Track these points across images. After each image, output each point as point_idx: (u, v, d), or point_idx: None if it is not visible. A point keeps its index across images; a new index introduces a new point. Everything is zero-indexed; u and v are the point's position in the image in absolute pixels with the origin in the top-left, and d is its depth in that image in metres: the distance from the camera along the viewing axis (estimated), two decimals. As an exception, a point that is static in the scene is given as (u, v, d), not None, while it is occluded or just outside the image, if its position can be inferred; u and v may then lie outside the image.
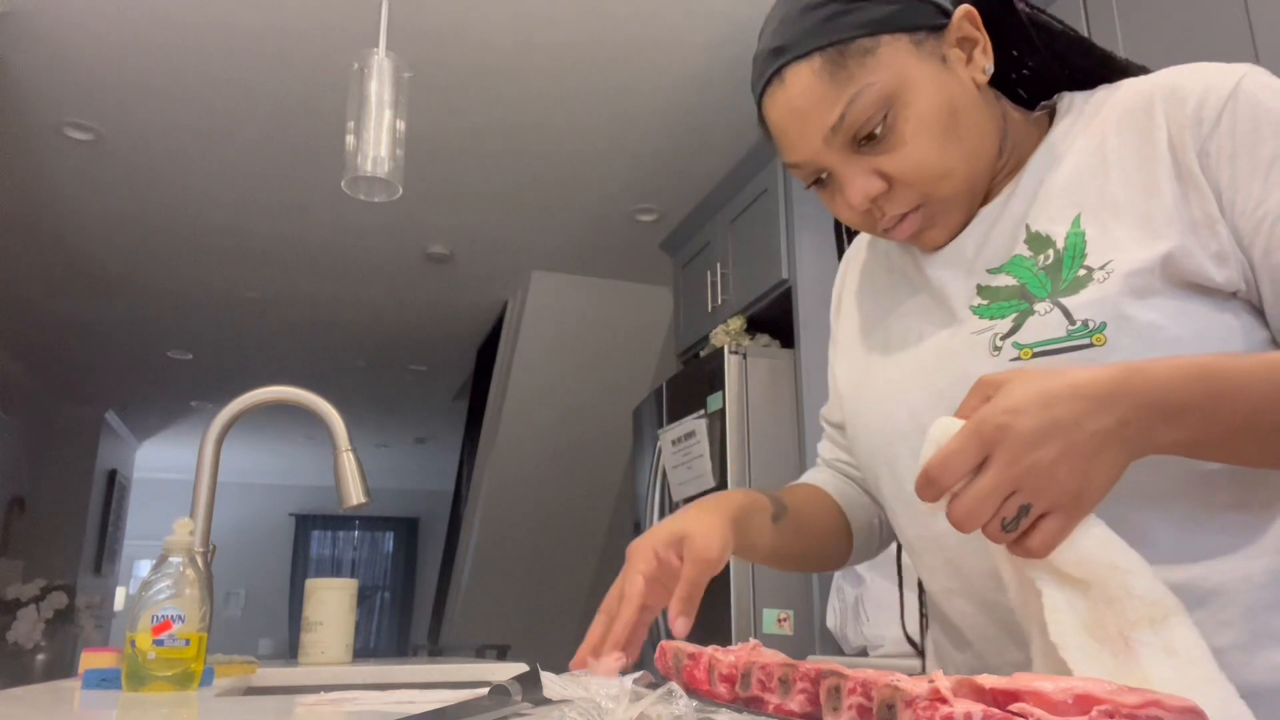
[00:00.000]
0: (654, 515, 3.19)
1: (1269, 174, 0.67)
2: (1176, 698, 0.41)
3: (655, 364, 5.08)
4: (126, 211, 4.06)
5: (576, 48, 2.95)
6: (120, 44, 2.91)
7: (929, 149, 0.73)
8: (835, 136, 0.73)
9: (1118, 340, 0.66)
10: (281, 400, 1.42)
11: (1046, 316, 0.70)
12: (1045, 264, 0.73)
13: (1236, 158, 0.68)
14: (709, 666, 0.61)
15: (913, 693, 0.43)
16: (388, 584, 10.58)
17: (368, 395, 7.10)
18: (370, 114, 1.81)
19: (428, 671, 1.67)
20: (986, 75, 0.76)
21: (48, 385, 6.68)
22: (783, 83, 0.74)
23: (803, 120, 0.74)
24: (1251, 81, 0.69)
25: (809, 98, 0.73)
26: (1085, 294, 0.69)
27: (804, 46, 0.73)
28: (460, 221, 4.21)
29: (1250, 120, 0.68)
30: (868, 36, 0.72)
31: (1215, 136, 0.69)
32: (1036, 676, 0.43)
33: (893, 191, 0.75)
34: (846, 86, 0.72)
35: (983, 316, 0.75)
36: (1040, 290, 0.72)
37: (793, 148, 0.76)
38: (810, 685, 0.51)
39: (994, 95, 0.79)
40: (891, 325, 0.84)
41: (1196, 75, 0.72)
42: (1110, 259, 0.69)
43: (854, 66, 0.72)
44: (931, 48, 0.74)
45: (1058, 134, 0.79)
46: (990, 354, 0.72)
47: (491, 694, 0.60)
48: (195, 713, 0.80)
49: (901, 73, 0.72)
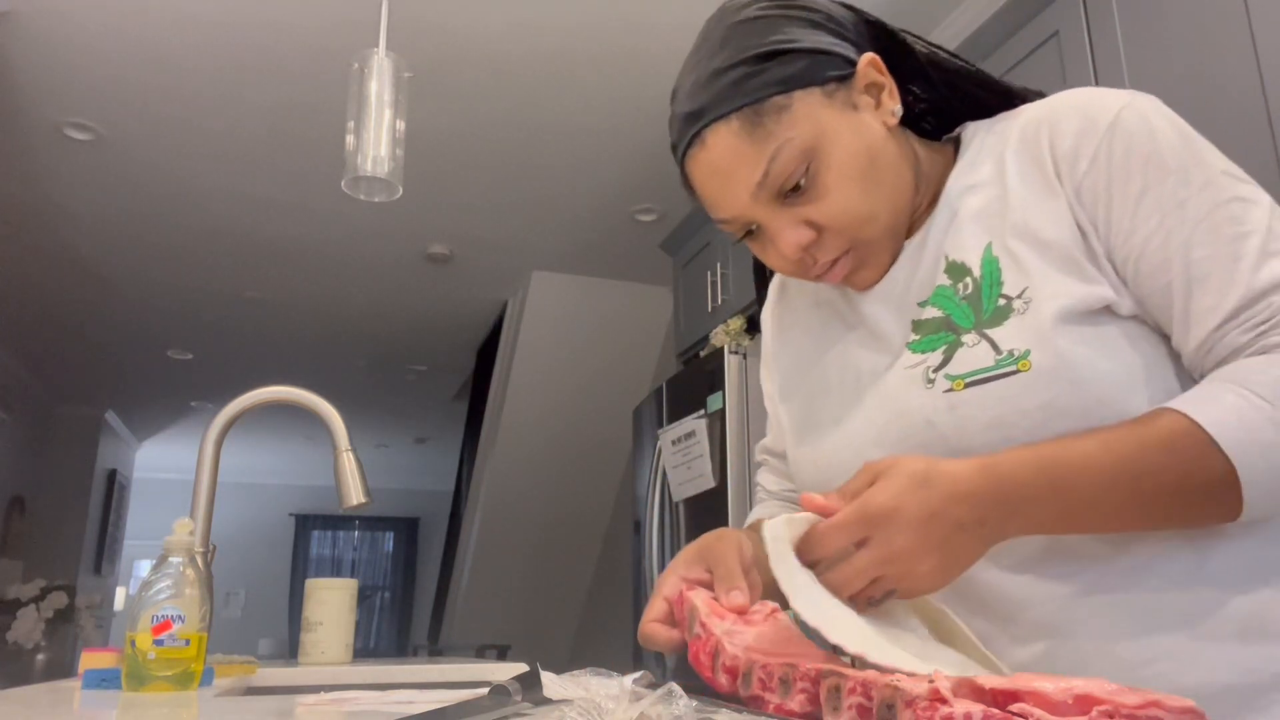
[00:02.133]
0: (654, 515, 3.19)
1: (1137, 209, 0.71)
2: (1176, 698, 0.41)
3: (655, 364, 5.07)
4: (126, 211, 4.06)
5: (577, 47, 2.95)
6: (120, 44, 2.91)
7: (852, 195, 0.75)
8: (761, 192, 0.75)
9: (1041, 364, 0.69)
10: (281, 400, 1.42)
11: (975, 348, 0.73)
12: (965, 293, 0.76)
13: (1111, 194, 0.72)
14: (714, 653, 0.61)
15: (912, 693, 0.43)
16: (388, 584, 10.57)
17: (368, 395, 7.10)
18: (370, 114, 1.81)
19: (428, 671, 1.67)
20: (896, 117, 0.79)
21: (48, 385, 6.67)
22: (704, 145, 0.76)
23: (727, 179, 0.76)
24: (1129, 114, 0.72)
25: (731, 157, 0.75)
26: (1009, 324, 0.72)
27: (721, 109, 0.75)
28: (460, 221, 4.21)
29: (1123, 156, 0.72)
30: (781, 94, 0.74)
31: (1091, 174, 0.73)
32: (1037, 676, 0.43)
33: (822, 239, 0.77)
34: (767, 143, 0.74)
35: (915, 351, 0.77)
36: (965, 321, 0.75)
37: (720, 206, 0.78)
38: (810, 685, 0.51)
39: (903, 133, 0.82)
40: (830, 362, 0.86)
41: (1076, 109, 0.75)
42: (1025, 287, 0.72)
43: (771, 124, 0.74)
44: (842, 97, 0.76)
45: (964, 164, 0.82)
46: (925, 386, 0.75)
47: (491, 694, 0.60)
48: (195, 713, 0.80)
49: (818, 125, 0.75)
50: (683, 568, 0.78)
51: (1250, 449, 0.63)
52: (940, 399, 0.73)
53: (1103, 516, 0.67)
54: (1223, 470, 0.63)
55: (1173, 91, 1.75)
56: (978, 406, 0.71)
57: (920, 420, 0.74)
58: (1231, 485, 0.63)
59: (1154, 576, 0.70)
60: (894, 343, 0.80)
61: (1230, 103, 1.64)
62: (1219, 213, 0.69)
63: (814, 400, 0.87)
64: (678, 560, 0.80)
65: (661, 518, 3.16)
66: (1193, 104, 1.71)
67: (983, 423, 0.71)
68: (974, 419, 0.71)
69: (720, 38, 0.78)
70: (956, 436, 0.72)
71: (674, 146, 0.81)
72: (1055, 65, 2.00)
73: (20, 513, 6.45)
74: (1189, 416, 0.64)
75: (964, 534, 0.64)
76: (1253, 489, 0.63)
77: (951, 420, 0.72)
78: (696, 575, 0.77)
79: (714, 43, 0.78)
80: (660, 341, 5.01)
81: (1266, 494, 0.64)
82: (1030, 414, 0.69)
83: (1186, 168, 0.70)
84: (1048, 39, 2.04)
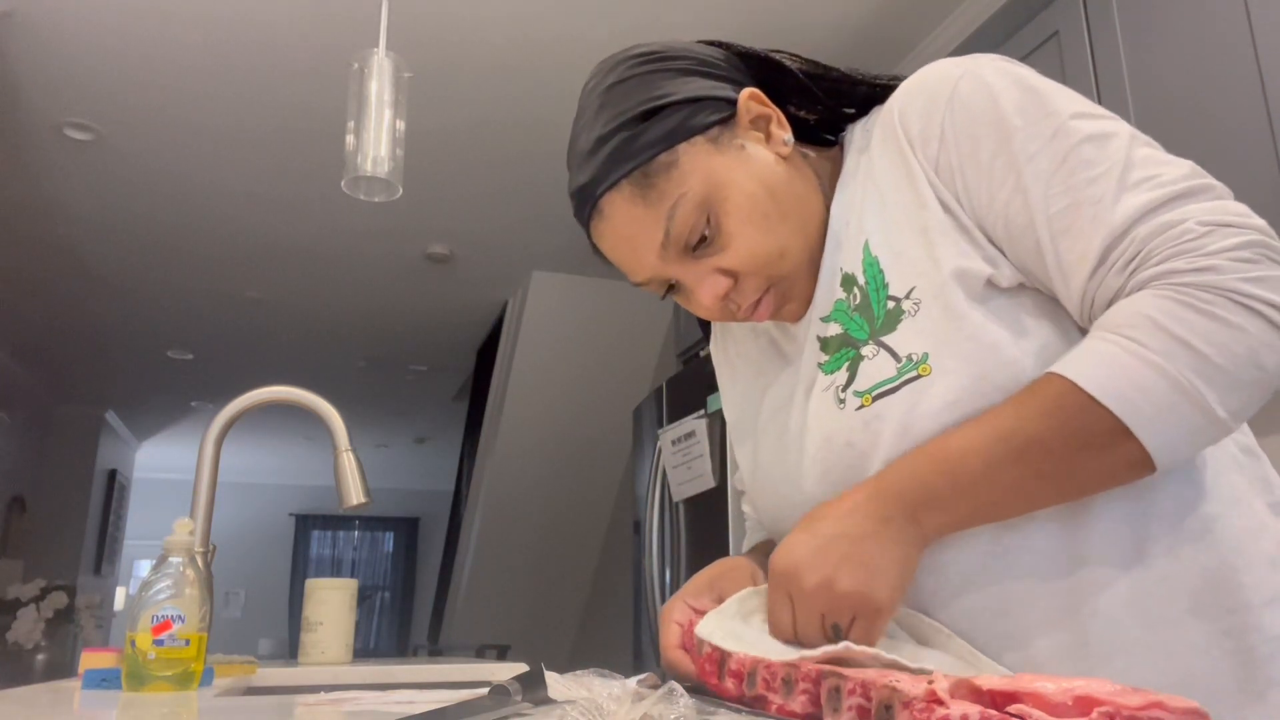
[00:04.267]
0: (654, 515, 3.19)
1: (991, 174, 0.69)
2: (1179, 699, 0.40)
3: (655, 364, 5.07)
4: (126, 211, 4.06)
5: (576, 47, 2.95)
6: (120, 44, 2.90)
7: (758, 237, 0.74)
8: (667, 250, 0.74)
9: (941, 364, 0.68)
10: (281, 400, 1.42)
11: (875, 359, 0.72)
12: (856, 304, 0.75)
13: (964, 167, 0.71)
14: (719, 661, 0.62)
15: (910, 694, 0.43)
16: (388, 584, 10.57)
17: (368, 395, 7.10)
18: (370, 114, 1.81)
19: (428, 671, 1.67)
20: (789, 146, 0.77)
21: (48, 385, 6.67)
22: (602, 215, 0.75)
23: (631, 244, 0.75)
24: (966, 84, 0.71)
25: (629, 223, 0.74)
26: (902, 328, 0.71)
27: (610, 177, 0.74)
28: (460, 221, 4.21)
29: (967, 125, 0.71)
30: (665, 151, 0.73)
31: (943, 151, 0.72)
32: (1037, 677, 0.42)
33: (739, 284, 0.76)
34: (661, 203, 0.73)
35: (826, 372, 0.76)
36: (860, 333, 0.74)
37: (633, 270, 0.78)
38: (812, 686, 0.51)
39: (800, 155, 0.81)
40: (768, 398, 0.85)
41: (919, 89, 0.74)
42: (912, 285, 0.71)
43: (662, 183, 0.73)
44: (729, 139, 0.75)
45: (846, 171, 0.81)
46: (837, 407, 0.74)
47: (491, 694, 0.60)
48: (195, 713, 0.80)
49: (708, 174, 0.73)
50: (692, 596, 0.79)
51: (1131, 396, 0.60)
52: (854, 418, 0.72)
53: (1006, 494, 0.65)
54: (1111, 424, 0.61)
55: (1172, 92, 1.75)
56: (886, 419, 0.70)
57: (841, 443, 0.73)
58: (1126, 436, 0.61)
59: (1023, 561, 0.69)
60: (810, 366, 0.79)
61: (1230, 103, 1.64)
62: (1071, 158, 0.67)
63: (760, 439, 0.86)
64: (687, 588, 0.80)
65: (661, 518, 3.16)
66: (1193, 104, 1.71)
67: (893, 432, 0.69)
68: (884, 430, 0.70)
69: (597, 105, 0.76)
70: (874, 451, 0.70)
71: (576, 216, 0.79)
72: (1055, 65, 2.00)
73: (20, 513, 6.45)
74: (1064, 376, 0.63)
75: (871, 540, 0.65)
76: (1149, 435, 0.61)
77: (866, 437, 0.71)
78: (704, 606, 0.77)
79: (592, 111, 0.77)
80: (660, 341, 5.01)
81: (1164, 438, 0.61)
82: (939, 415, 0.67)
83: (1033, 121, 0.68)
84: (1048, 39, 2.04)
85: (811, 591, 0.64)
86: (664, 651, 0.75)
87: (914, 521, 0.65)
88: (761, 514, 0.87)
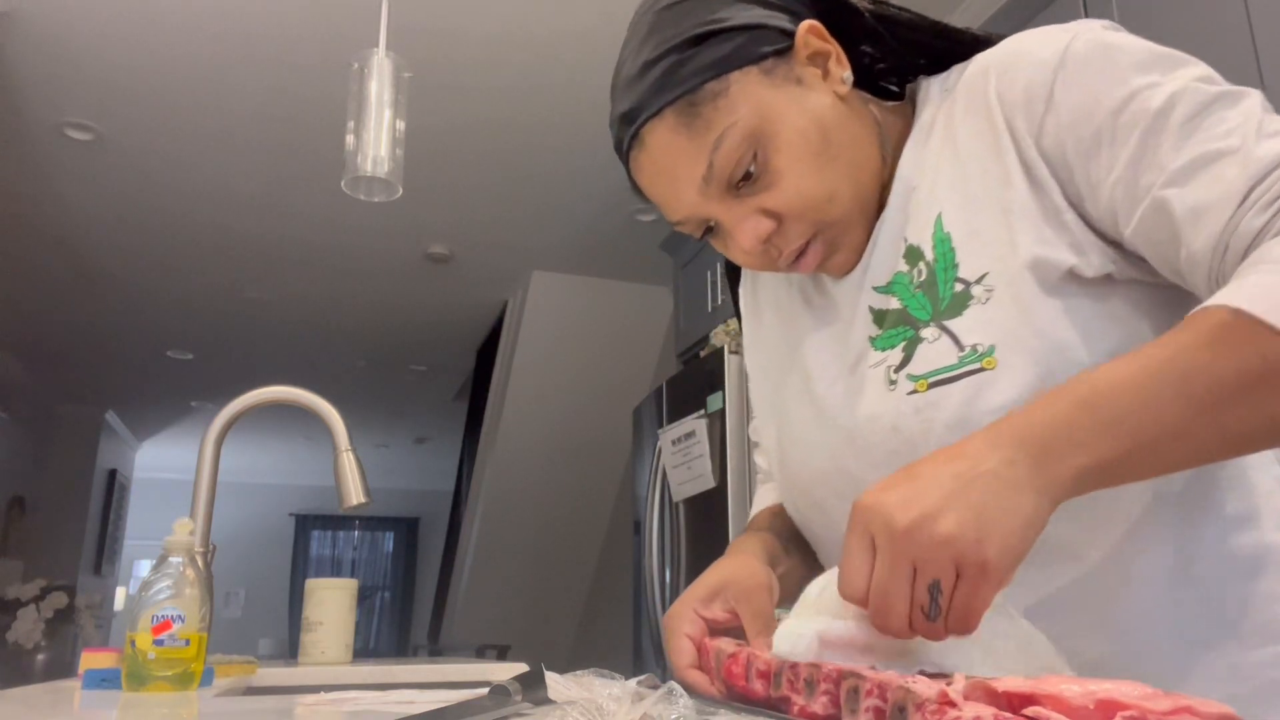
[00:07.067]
0: (654, 515, 3.19)
1: (1113, 136, 0.63)
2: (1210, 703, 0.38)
3: (655, 364, 5.07)
4: (126, 211, 4.06)
5: (576, 47, 2.95)
6: (120, 44, 2.90)
7: (808, 176, 0.69)
8: (709, 186, 0.70)
9: (1007, 359, 0.63)
10: (281, 400, 1.41)
11: (935, 344, 0.67)
12: (920, 280, 0.70)
13: (1076, 129, 0.64)
14: (747, 663, 0.61)
15: (923, 695, 0.43)
16: (388, 584, 10.57)
17: (368, 395, 7.10)
18: (370, 114, 1.81)
19: (428, 671, 1.67)
20: (847, 84, 0.72)
21: (48, 385, 6.67)
22: (643, 145, 0.71)
23: (672, 178, 0.71)
24: (1081, 42, 0.66)
25: (672, 155, 0.70)
26: (969, 316, 0.66)
27: (654, 105, 0.69)
28: (460, 221, 4.20)
29: (1082, 86, 0.64)
30: (715, 79, 0.68)
31: (1050, 114, 0.66)
32: (1062, 679, 0.41)
33: (783, 227, 0.71)
34: (706, 134, 0.68)
35: (878, 348, 0.71)
36: (921, 313, 0.69)
37: (670, 207, 0.73)
38: (834, 687, 0.51)
39: (860, 100, 0.75)
40: (802, 359, 0.80)
41: (1025, 49, 0.68)
42: (985, 271, 0.66)
43: (709, 112, 0.68)
44: (784, 72, 0.70)
45: (918, 129, 0.75)
46: (887, 388, 0.69)
47: (491, 694, 0.60)
48: (195, 713, 0.80)
49: (759, 106, 0.68)
50: (699, 604, 0.73)
51: None
52: (904, 402, 0.67)
53: (1165, 434, 0.54)
54: None
55: (1173, 91, 1.76)
56: (942, 408, 0.65)
57: (886, 426, 0.68)
58: None
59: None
60: (857, 337, 0.74)
61: (1231, 102, 1.64)
62: (1203, 114, 0.61)
63: (789, 402, 0.81)
64: (694, 592, 0.74)
65: (661, 518, 3.16)
66: (1193, 104, 1.71)
67: (946, 424, 0.64)
68: (937, 419, 0.65)
69: (647, 27, 0.72)
70: (923, 441, 0.65)
71: (616, 148, 0.75)
72: (1056, 65, 2.00)
73: (20, 513, 6.45)
74: (1225, 306, 0.54)
75: (990, 481, 0.52)
76: None
77: (917, 424, 0.66)
78: (714, 615, 0.72)
79: (641, 34, 0.72)
80: (660, 341, 5.01)
81: None
82: (999, 413, 0.61)
83: (1159, 79, 0.63)
84: (1048, 39, 2.04)
85: (904, 532, 0.51)
86: (679, 673, 0.70)
87: (1047, 463, 0.53)
88: (787, 480, 0.82)
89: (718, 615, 0.72)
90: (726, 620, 0.72)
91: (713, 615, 0.72)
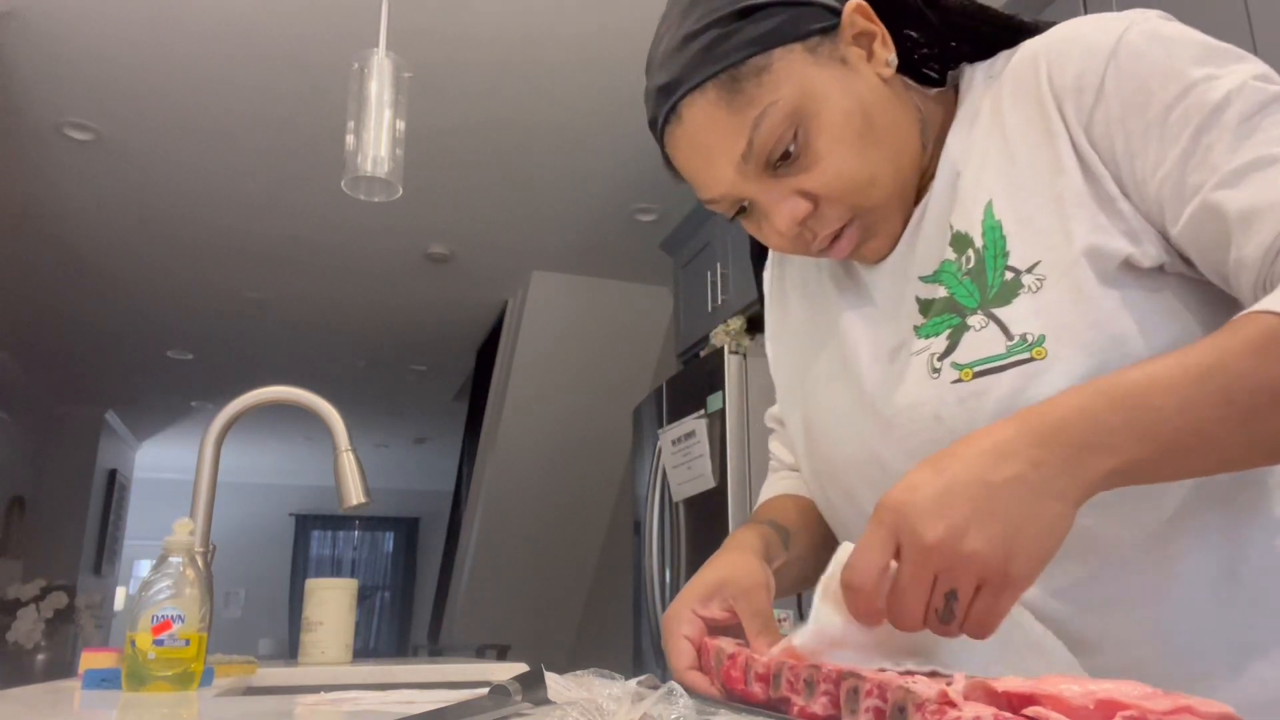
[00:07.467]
0: (654, 515, 3.19)
1: (1163, 131, 0.62)
2: (1210, 703, 0.38)
3: (655, 364, 5.07)
4: (126, 211, 4.06)
5: (576, 47, 2.95)
6: (120, 44, 2.90)
7: (848, 159, 0.68)
8: (747, 164, 0.68)
9: (1058, 350, 0.62)
10: (281, 400, 1.41)
11: (982, 332, 0.65)
12: (968, 268, 0.68)
13: (1126, 122, 0.63)
14: (745, 666, 0.61)
15: (922, 695, 0.43)
16: (388, 584, 10.57)
17: (368, 395, 7.10)
18: (370, 114, 1.81)
19: (428, 671, 1.67)
20: (891, 67, 0.71)
21: (48, 385, 6.67)
22: (680, 119, 0.69)
23: (709, 155, 0.69)
24: (1136, 32, 0.64)
25: (711, 130, 0.68)
26: (1019, 304, 0.64)
27: (695, 78, 0.67)
28: (460, 221, 4.20)
29: (1134, 78, 0.63)
30: (759, 54, 0.66)
31: (1100, 105, 0.64)
32: (1062, 679, 0.41)
33: (820, 210, 0.70)
34: (748, 110, 0.66)
35: (922, 336, 0.70)
36: (969, 300, 0.67)
37: (705, 184, 0.71)
38: (833, 687, 0.51)
39: (903, 84, 0.74)
40: (834, 343, 0.78)
41: (1078, 36, 0.67)
42: (1036, 260, 0.65)
43: (751, 88, 0.66)
44: (828, 51, 0.68)
45: (963, 114, 0.73)
46: (930, 376, 0.68)
47: (491, 694, 0.60)
48: (195, 713, 0.80)
49: (803, 84, 0.67)
50: (697, 602, 0.72)
51: None
52: (948, 390, 0.66)
53: (1201, 441, 0.53)
54: None
55: (1173, 91, 1.76)
56: (987, 398, 0.64)
57: (928, 414, 0.67)
58: None
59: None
60: (900, 325, 0.72)
61: (1231, 102, 1.64)
62: (1260, 114, 0.59)
63: (818, 386, 0.79)
64: (691, 590, 0.73)
65: (661, 518, 3.16)
66: (1193, 104, 1.71)
67: (991, 414, 0.63)
68: (982, 410, 0.63)
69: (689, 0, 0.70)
70: (966, 431, 0.61)
71: (651, 124, 0.73)
72: (1056, 65, 2.00)
73: (20, 513, 6.45)
74: (1272, 312, 0.53)
75: (1016, 489, 0.52)
76: None
77: (961, 414, 0.65)
78: (712, 614, 0.71)
79: (682, 6, 0.70)
80: (660, 341, 5.01)
81: None
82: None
83: (1215, 74, 0.61)
84: (1048, 39, 2.04)
85: (931, 546, 0.51)
86: (678, 674, 0.69)
87: (1075, 466, 0.53)
88: (814, 466, 0.80)
89: (716, 614, 0.71)
90: (725, 619, 0.71)
91: (711, 614, 0.71)
